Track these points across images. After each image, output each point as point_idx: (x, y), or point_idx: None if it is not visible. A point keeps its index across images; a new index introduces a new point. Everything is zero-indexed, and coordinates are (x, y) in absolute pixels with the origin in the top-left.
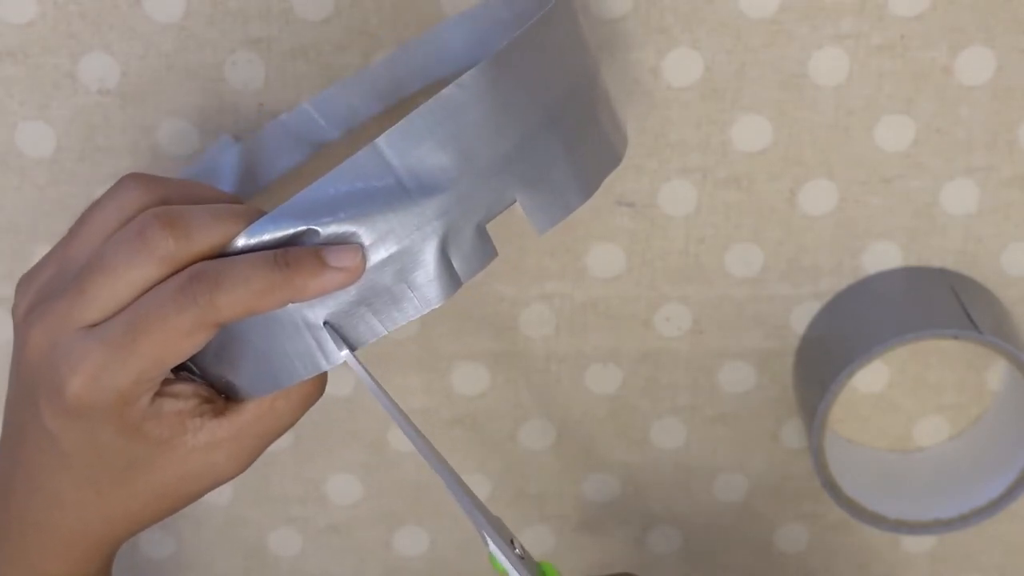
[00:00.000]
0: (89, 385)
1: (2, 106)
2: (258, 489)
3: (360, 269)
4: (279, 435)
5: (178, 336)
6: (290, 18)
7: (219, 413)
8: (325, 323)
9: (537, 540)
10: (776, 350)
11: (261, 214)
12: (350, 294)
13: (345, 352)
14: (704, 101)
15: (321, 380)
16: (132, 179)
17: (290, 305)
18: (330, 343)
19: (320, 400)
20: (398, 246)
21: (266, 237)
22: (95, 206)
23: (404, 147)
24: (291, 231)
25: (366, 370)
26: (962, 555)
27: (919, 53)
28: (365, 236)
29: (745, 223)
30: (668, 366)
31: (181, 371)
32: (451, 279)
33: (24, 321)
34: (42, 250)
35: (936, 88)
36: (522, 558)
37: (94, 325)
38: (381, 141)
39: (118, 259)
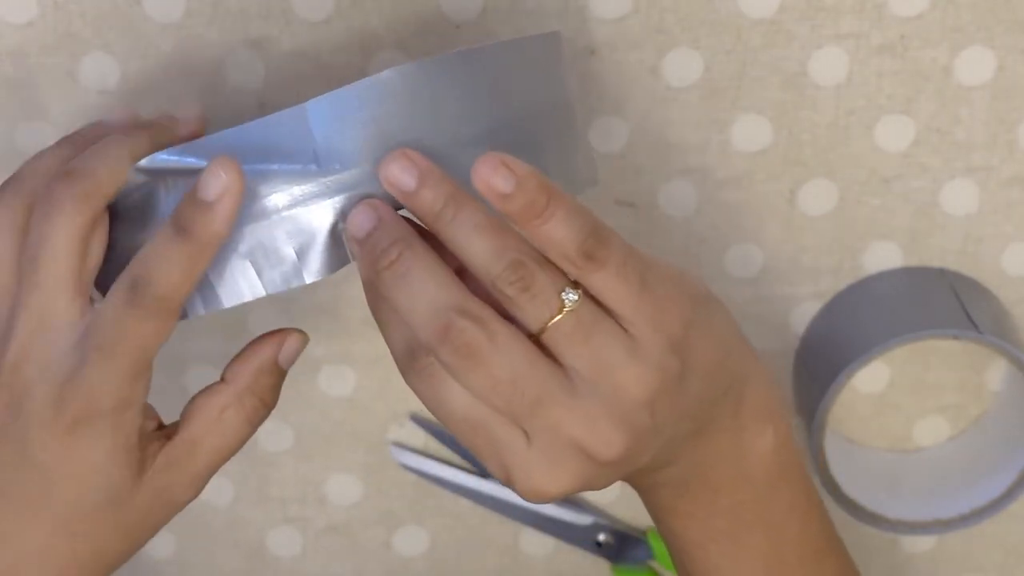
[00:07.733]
0: (86, 395)
1: (2, 106)
2: (258, 489)
3: (238, 178)
4: (232, 452)
5: (150, 338)
6: (290, 18)
7: (170, 435)
8: None
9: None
10: (776, 350)
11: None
12: (242, 238)
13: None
14: (704, 101)
15: (269, 401)
16: None
17: None
18: (251, 272)
19: (320, 400)
20: (295, 209)
21: (169, 165)
22: None
23: (329, 117)
24: (192, 166)
25: None
26: (962, 555)
27: (919, 53)
28: (264, 188)
29: (745, 223)
30: None
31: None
32: (338, 257)
33: None
34: None
35: (936, 88)
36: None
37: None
38: (309, 106)
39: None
